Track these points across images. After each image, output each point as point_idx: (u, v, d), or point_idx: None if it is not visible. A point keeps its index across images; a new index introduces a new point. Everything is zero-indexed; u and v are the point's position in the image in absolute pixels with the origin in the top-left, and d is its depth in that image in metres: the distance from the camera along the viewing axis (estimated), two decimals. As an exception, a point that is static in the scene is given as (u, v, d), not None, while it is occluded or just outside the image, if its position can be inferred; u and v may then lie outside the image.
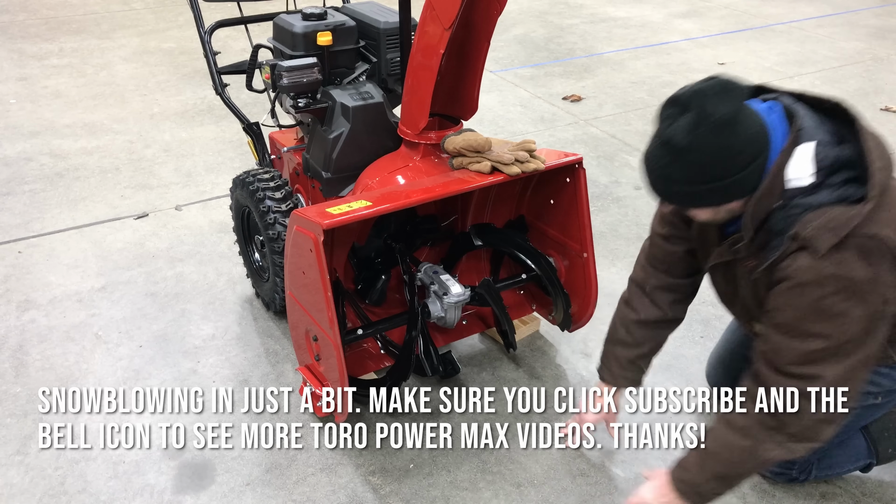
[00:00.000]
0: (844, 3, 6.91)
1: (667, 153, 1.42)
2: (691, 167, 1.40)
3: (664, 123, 1.43)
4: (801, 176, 1.41)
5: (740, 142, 1.38)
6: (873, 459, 1.92)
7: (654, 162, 1.46)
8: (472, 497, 1.93)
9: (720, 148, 1.37)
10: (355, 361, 2.23)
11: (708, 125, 1.36)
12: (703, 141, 1.37)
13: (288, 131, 2.76)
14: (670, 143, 1.40)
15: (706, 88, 1.39)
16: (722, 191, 1.42)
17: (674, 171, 1.42)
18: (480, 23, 1.95)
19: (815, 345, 1.42)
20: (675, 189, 1.46)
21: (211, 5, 2.82)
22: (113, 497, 1.91)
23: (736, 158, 1.39)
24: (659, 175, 1.46)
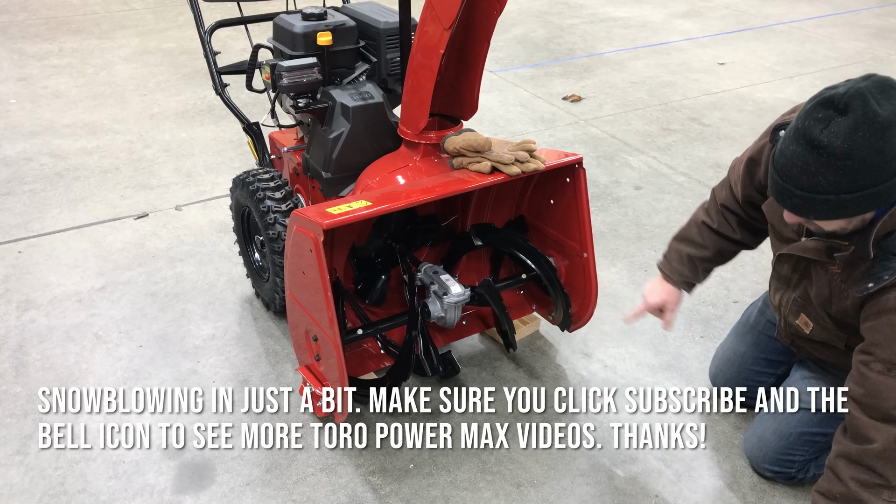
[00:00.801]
0: (844, 3, 6.91)
1: (817, 159, 1.29)
2: (845, 174, 1.28)
3: (816, 126, 1.30)
4: None
5: (895, 145, 1.28)
6: None
7: (796, 170, 1.32)
8: (472, 497, 1.93)
9: (877, 152, 1.27)
10: (355, 361, 2.23)
11: (870, 128, 1.26)
12: (863, 145, 1.26)
13: (288, 131, 2.76)
14: (826, 148, 1.27)
15: (868, 87, 1.28)
16: (868, 199, 1.31)
17: (823, 178, 1.30)
18: (480, 23, 1.95)
19: None
20: (819, 199, 1.32)
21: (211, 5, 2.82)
22: (113, 497, 1.91)
23: (890, 164, 1.29)
24: (802, 185, 1.32)
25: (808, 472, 1.92)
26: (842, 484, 1.49)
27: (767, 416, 1.95)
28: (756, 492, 1.95)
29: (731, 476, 1.99)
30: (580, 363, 2.40)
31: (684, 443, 2.11)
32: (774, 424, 1.91)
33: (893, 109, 1.27)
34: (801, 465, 1.90)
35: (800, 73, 5.05)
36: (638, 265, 2.91)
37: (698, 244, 1.94)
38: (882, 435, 1.42)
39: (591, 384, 2.32)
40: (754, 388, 2.13)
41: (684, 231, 2.00)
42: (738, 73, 5.05)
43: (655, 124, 4.22)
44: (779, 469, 1.92)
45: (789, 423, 1.88)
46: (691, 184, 3.55)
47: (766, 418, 1.96)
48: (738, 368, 2.12)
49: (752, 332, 2.11)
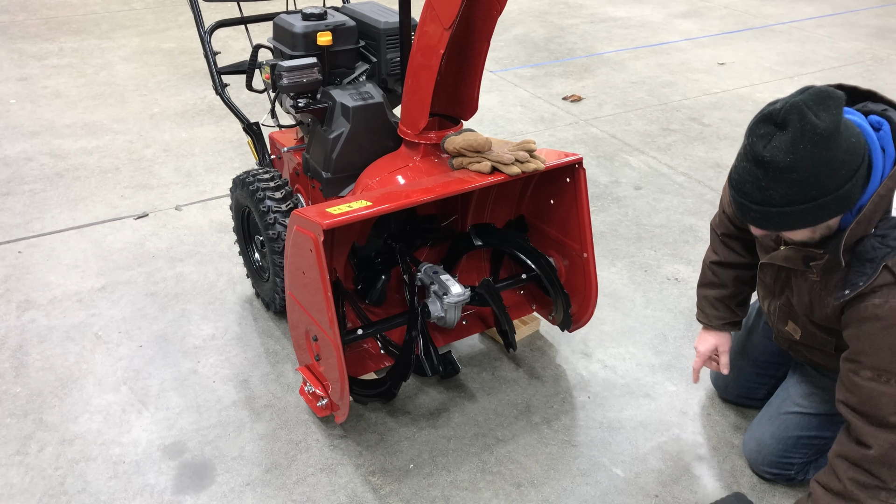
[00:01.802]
0: (844, 3, 6.92)
1: (765, 175, 1.32)
2: (792, 187, 1.30)
3: (759, 143, 1.33)
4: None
5: (842, 154, 1.29)
6: None
7: (748, 186, 1.35)
8: (472, 497, 1.93)
9: (822, 163, 1.28)
10: (355, 361, 2.23)
11: (810, 140, 1.27)
12: (806, 157, 1.27)
13: (288, 131, 2.76)
14: (770, 163, 1.30)
15: (804, 101, 1.30)
16: (823, 208, 1.33)
17: (773, 193, 1.33)
18: (480, 23, 1.95)
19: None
20: (773, 212, 1.35)
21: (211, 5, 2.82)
22: (113, 497, 1.91)
23: (838, 172, 1.30)
24: (756, 199, 1.36)
25: (808, 474, 1.92)
26: (840, 482, 1.50)
27: (765, 420, 1.96)
28: (756, 492, 1.95)
29: (730, 476, 2.00)
30: (580, 363, 2.40)
31: (684, 443, 2.11)
32: (772, 428, 1.91)
33: (832, 120, 1.28)
34: (800, 466, 1.91)
35: (800, 73, 5.05)
36: (638, 265, 2.91)
37: (717, 284, 1.97)
38: (879, 441, 1.43)
39: (591, 384, 2.32)
40: (755, 391, 2.13)
41: (702, 277, 2.03)
42: (738, 73, 5.05)
43: (655, 124, 4.22)
44: (778, 471, 1.92)
45: (787, 426, 1.89)
46: (691, 184, 3.55)
47: (763, 422, 1.96)
48: (739, 370, 2.12)
49: (752, 334, 2.11)
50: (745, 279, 1.96)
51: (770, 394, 2.10)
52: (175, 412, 2.18)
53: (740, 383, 2.14)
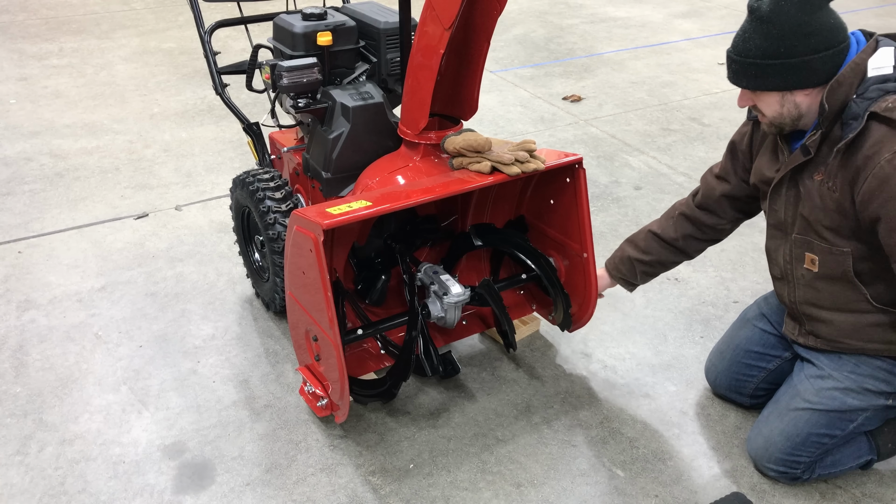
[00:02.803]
0: (844, 3, 6.91)
1: (750, 24, 1.51)
2: (768, 37, 1.48)
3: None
4: (884, 66, 1.48)
5: (818, 24, 1.46)
6: (874, 455, 1.93)
7: (738, 37, 1.56)
8: (472, 497, 1.93)
9: (798, 25, 1.46)
10: (355, 361, 2.23)
11: (799, 5, 1.45)
12: (784, 13, 1.45)
13: (288, 131, 2.76)
14: (755, 11, 1.49)
15: None
16: (791, 70, 1.50)
17: (752, 41, 1.51)
18: (480, 23, 1.95)
19: None
20: (748, 63, 1.53)
21: (211, 5, 2.82)
22: (113, 497, 1.91)
23: (811, 38, 1.47)
24: (738, 50, 1.55)
25: (814, 473, 1.92)
26: None
27: (773, 417, 1.95)
28: (756, 492, 1.95)
29: (731, 476, 1.99)
30: (580, 363, 2.40)
31: (684, 443, 2.11)
32: (781, 425, 1.90)
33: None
34: (806, 465, 1.90)
35: (800, 73, 5.05)
36: (638, 265, 2.91)
37: (642, 250, 2.17)
38: None
39: (591, 384, 2.32)
40: (745, 383, 2.13)
41: (634, 235, 2.22)
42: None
43: (655, 124, 4.22)
44: (784, 469, 1.91)
45: (796, 424, 1.87)
46: (691, 184, 3.55)
47: (772, 419, 1.95)
48: (730, 361, 2.13)
49: (746, 324, 2.13)
50: (667, 258, 2.15)
51: (757, 390, 2.12)
52: (175, 412, 2.18)
53: (730, 374, 2.15)
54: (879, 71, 1.48)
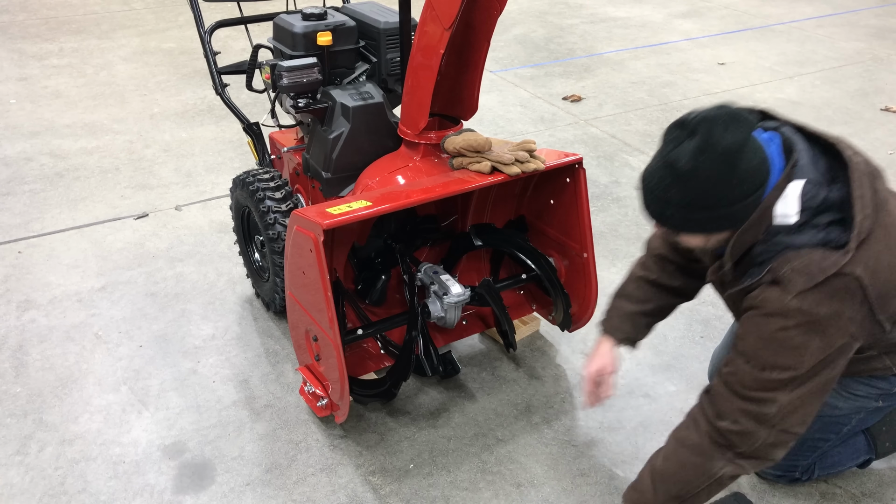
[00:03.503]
0: (844, 3, 6.92)
1: (668, 175, 1.41)
2: (690, 192, 1.39)
3: (669, 145, 1.42)
4: (788, 214, 1.42)
5: (741, 174, 1.37)
6: (872, 454, 1.93)
7: (653, 182, 1.45)
8: (472, 497, 1.93)
9: (721, 177, 1.37)
10: (355, 361, 2.23)
11: (713, 153, 1.35)
12: (706, 167, 1.36)
13: (288, 131, 2.76)
14: (673, 165, 1.39)
15: (716, 116, 1.38)
16: (716, 220, 1.43)
17: (673, 193, 1.41)
18: (480, 23, 1.95)
19: (772, 375, 1.44)
20: (670, 212, 1.45)
21: (211, 5, 2.82)
22: (113, 497, 1.91)
23: (734, 190, 1.39)
24: (657, 196, 1.45)
25: (813, 474, 1.92)
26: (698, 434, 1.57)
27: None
28: (756, 492, 1.95)
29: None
30: (580, 363, 2.40)
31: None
32: None
33: (737, 140, 1.36)
34: (804, 468, 1.90)
35: (800, 73, 5.05)
36: (638, 265, 2.91)
37: (638, 299, 1.94)
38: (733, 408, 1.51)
39: (591, 384, 2.32)
40: None
41: (622, 288, 1.98)
42: (738, 73, 5.05)
43: (655, 124, 4.22)
44: (782, 473, 1.92)
45: None
46: (691, 184, 3.55)
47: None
48: None
49: None
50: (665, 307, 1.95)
51: None
52: (175, 412, 2.18)
53: None
54: (785, 220, 1.41)
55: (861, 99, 4.63)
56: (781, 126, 1.54)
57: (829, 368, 1.45)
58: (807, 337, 1.40)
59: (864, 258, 1.39)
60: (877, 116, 4.38)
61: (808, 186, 1.42)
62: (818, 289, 1.37)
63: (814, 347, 1.41)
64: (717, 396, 1.54)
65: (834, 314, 1.39)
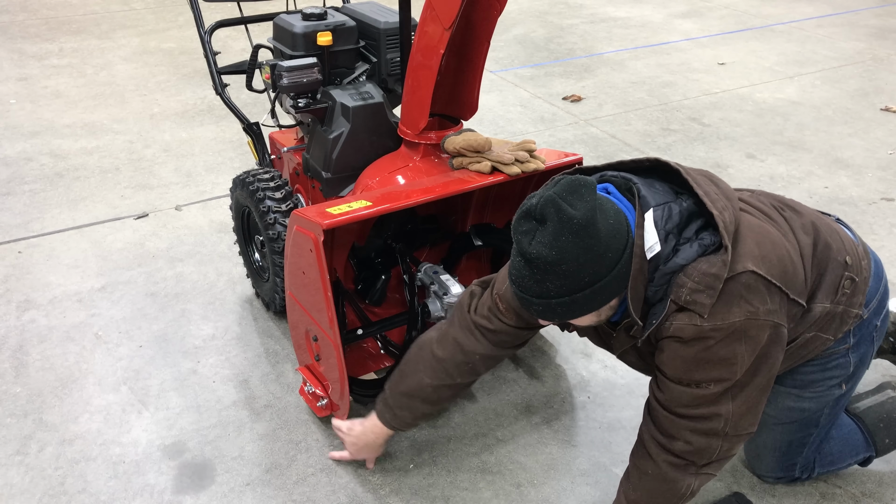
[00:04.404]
0: (844, 3, 6.92)
1: (537, 271, 1.33)
2: (566, 278, 1.32)
3: (524, 239, 1.34)
4: (652, 245, 1.38)
5: (604, 237, 1.32)
6: (872, 452, 1.92)
7: (525, 282, 1.36)
8: (472, 497, 1.93)
9: (587, 250, 1.30)
10: (355, 361, 2.23)
11: (569, 230, 1.29)
12: (570, 248, 1.29)
13: (288, 131, 2.76)
14: (538, 258, 1.31)
15: (557, 194, 1.31)
16: (601, 292, 1.36)
17: (549, 285, 1.34)
18: (480, 23, 1.95)
19: (708, 389, 1.43)
20: (554, 303, 1.36)
21: (211, 5, 2.82)
22: (113, 497, 1.91)
23: (605, 256, 1.32)
24: (534, 294, 1.37)
25: (813, 472, 1.91)
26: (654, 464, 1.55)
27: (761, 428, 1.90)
28: (756, 492, 1.95)
29: (730, 476, 1.99)
30: (580, 363, 2.40)
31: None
32: (762, 439, 1.90)
33: (587, 207, 1.30)
34: (803, 465, 1.90)
35: (800, 73, 5.06)
36: (638, 265, 2.91)
37: (434, 402, 1.81)
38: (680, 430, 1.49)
39: (591, 384, 2.32)
40: None
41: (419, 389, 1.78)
42: (738, 73, 5.05)
43: (655, 124, 4.22)
44: (781, 474, 1.92)
45: (774, 436, 1.87)
46: (691, 184, 3.54)
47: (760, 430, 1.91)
48: None
49: None
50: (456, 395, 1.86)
51: None
52: (175, 412, 2.18)
53: None
54: (654, 251, 1.38)
55: (861, 99, 4.63)
56: (604, 173, 1.51)
57: (766, 364, 1.45)
58: (732, 347, 1.39)
59: (746, 251, 1.39)
60: (877, 116, 4.38)
61: (658, 211, 1.40)
62: (723, 299, 1.36)
63: (741, 352, 1.40)
64: (661, 421, 1.52)
65: (749, 315, 1.38)
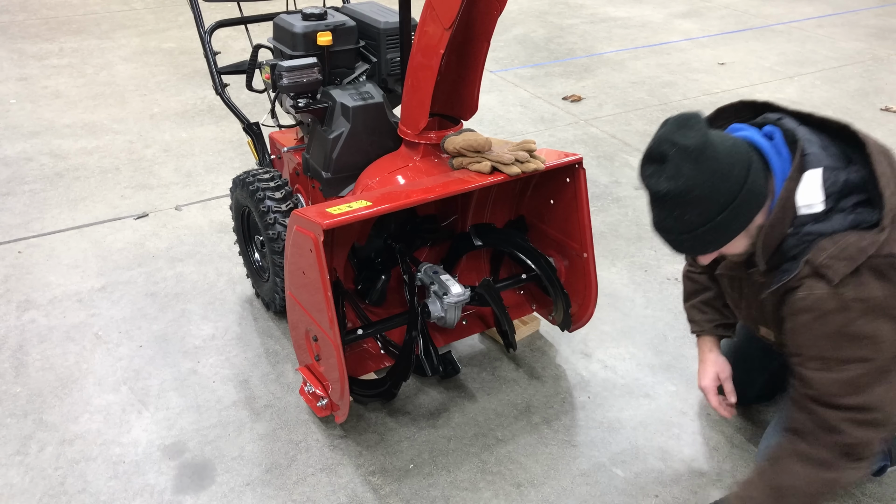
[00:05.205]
0: (844, 3, 6.91)
1: (673, 206, 1.40)
2: (702, 204, 1.39)
3: (652, 181, 1.42)
4: (812, 202, 1.41)
5: (724, 157, 1.38)
6: (888, 461, 1.91)
7: (668, 224, 1.44)
8: (472, 497, 1.93)
9: (712, 171, 1.37)
10: (355, 361, 2.23)
11: (689, 158, 1.36)
12: (695, 173, 1.37)
13: (288, 131, 2.76)
14: (669, 193, 1.39)
15: (667, 131, 1.40)
16: (741, 208, 1.41)
17: (690, 217, 1.41)
18: (480, 23, 1.95)
19: (855, 370, 1.41)
20: (701, 232, 1.42)
21: (211, 5, 2.82)
22: (113, 497, 1.91)
23: (732, 172, 1.39)
24: (680, 231, 1.43)
25: None
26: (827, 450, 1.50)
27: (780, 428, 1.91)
28: (756, 492, 1.95)
29: (730, 476, 1.99)
30: (580, 363, 2.40)
31: (684, 443, 2.11)
32: None
33: (699, 134, 1.38)
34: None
35: (800, 73, 5.05)
36: (638, 265, 2.91)
37: (700, 289, 1.97)
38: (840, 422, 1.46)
39: (591, 384, 2.32)
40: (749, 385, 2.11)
41: (684, 291, 2.03)
42: (738, 73, 5.05)
43: (655, 124, 4.21)
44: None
45: None
46: (691, 184, 3.55)
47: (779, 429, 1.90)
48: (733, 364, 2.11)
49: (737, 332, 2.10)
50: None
51: (761, 392, 2.11)
52: (175, 412, 2.18)
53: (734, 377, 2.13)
54: (811, 209, 1.41)
55: (861, 99, 4.63)
56: (782, 118, 1.54)
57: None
58: (875, 324, 1.38)
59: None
60: (877, 116, 4.38)
61: (826, 172, 1.41)
62: (862, 272, 1.36)
63: (886, 330, 1.39)
64: (819, 417, 1.49)
65: (890, 295, 1.37)
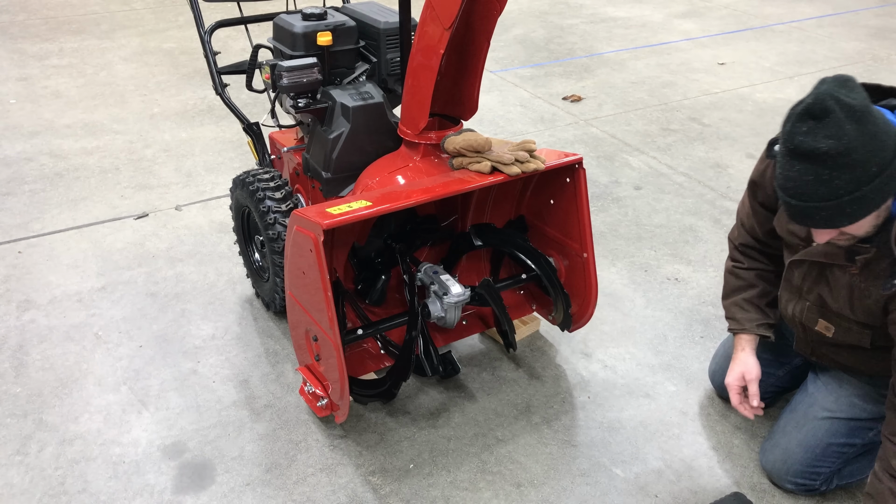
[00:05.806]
0: (844, 3, 6.91)
1: (825, 167, 1.31)
2: (855, 169, 1.30)
3: (808, 139, 1.32)
4: None
5: (883, 123, 1.32)
6: None
7: (811, 185, 1.33)
8: (472, 497, 1.93)
9: (872, 136, 1.30)
10: (355, 361, 2.23)
11: (853, 118, 1.29)
12: (856, 136, 1.29)
13: (288, 131, 2.76)
14: (828, 152, 1.29)
15: (831, 88, 1.32)
16: (889, 182, 1.33)
17: (839, 182, 1.31)
18: (480, 23, 1.95)
19: None
20: (845, 201, 1.33)
21: (211, 5, 2.82)
22: (113, 497, 1.91)
23: (887, 143, 1.32)
24: (823, 196, 1.33)
25: (832, 484, 1.88)
26: None
27: (791, 427, 1.89)
28: (756, 492, 1.95)
29: (730, 476, 2.00)
30: (580, 363, 2.40)
31: (684, 443, 2.11)
32: (800, 436, 1.85)
33: (861, 95, 1.33)
34: (825, 477, 1.85)
35: (800, 73, 5.05)
36: (638, 265, 2.91)
37: (744, 287, 1.94)
38: None
39: (591, 384, 2.32)
40: None
41: (725, 287, 2.00)
42: (738, 73, 5.05)
43: (655, 124, 4.22)
44: (803, 482, 1.86)
45: (816, 433, 1.83)
46: (691, 184, 3.55)
47: (789, 429, 1.89)
48: None
49: None
50: (769, 279, 1.94)
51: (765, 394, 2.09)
52: (175, 412, 2.18)
53: None
54: None
55: (861, 99, 4.62)
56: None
57: None
58: None
59: None
60: (877, 116, 4.37)
61: None
62: None
63: None
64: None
65: None
